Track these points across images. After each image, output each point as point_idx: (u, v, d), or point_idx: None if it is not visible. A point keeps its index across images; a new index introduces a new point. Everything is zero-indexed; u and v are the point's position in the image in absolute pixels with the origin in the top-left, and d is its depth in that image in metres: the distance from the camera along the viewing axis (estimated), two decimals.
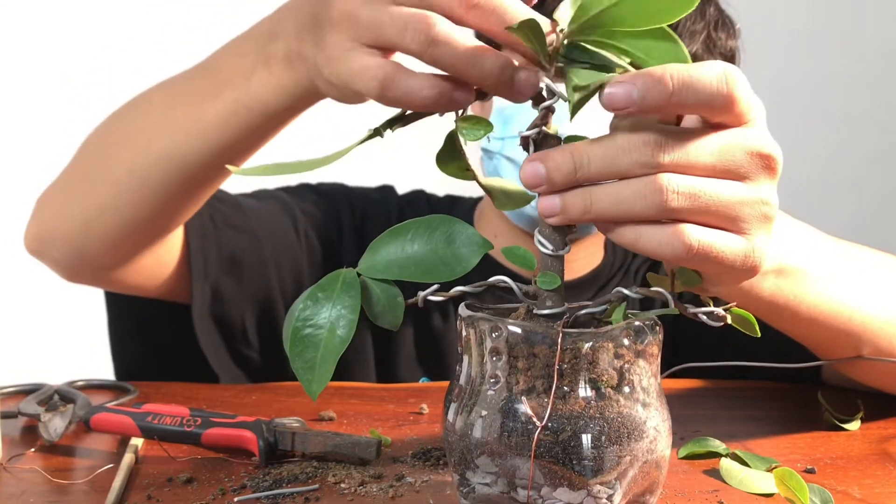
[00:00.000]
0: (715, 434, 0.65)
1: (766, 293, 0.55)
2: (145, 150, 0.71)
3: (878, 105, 2.06)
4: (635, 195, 0.42)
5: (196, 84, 0.69)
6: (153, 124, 0.72)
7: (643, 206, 0.43)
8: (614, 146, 0.43)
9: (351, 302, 0.47)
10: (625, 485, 0.45)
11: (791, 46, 2.02)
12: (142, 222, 0.75)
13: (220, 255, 0.86)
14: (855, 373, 0.72)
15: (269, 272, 0.90)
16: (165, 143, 0.70)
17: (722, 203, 0.43)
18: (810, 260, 0.58)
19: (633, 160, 0.42)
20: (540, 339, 0.44)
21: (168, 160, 0.70)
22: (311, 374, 0.47)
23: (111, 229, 0.75)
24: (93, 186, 0.76)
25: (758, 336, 0.48)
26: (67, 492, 0.56)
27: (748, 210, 0.44)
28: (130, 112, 0.77)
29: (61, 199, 0.79)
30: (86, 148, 0.79)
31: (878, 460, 0.62)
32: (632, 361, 0.45)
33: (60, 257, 0.80)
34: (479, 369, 0.46)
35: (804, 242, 0.58)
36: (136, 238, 0.77)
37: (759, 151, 0.44)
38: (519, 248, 0.48)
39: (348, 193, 1.03)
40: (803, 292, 0.58)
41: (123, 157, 0.74)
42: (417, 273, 0.48)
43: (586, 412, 0.44)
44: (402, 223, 0.49)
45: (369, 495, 0.54)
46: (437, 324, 0.96)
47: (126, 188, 0.73)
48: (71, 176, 0.80)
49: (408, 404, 0.76)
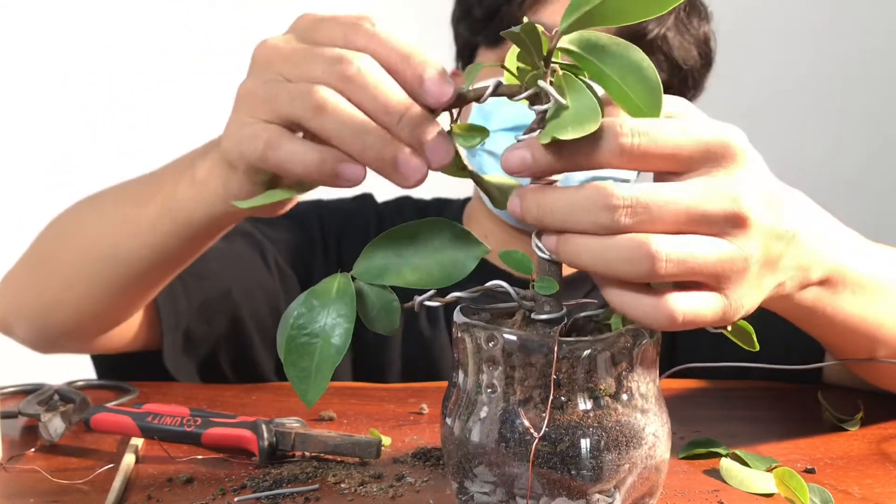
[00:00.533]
0: (715, 434, 0.65)
1: (808, 302, 0.55)
2: (92, 247, 0.73)
3: (877, 105, 2.06)
4: (621, 259, 0.42)
5: (141, 186, 0.71)
6: (101, 221, 0.74)
7: (630, 272, 0.42)
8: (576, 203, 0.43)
9: (346, 310, 0.47)
10: (624, 491, 0.44)
11: (791, 46, 2.02)
12: (97, 313, 0.75)
13: (189, 306, 0.86)
14: (869, 374, 0.72)
15: (241, 312, 0.90)
16: (107, 241, 0.71)
17: (708, 265, 0.43)
18: (852, 270, 0.57)
19: (592, 221, 0.42)
20: (536, 347, 0.44)
21: (112, 258, 0.71)
22: (306, 383, 0.46)
23: (68, 317, 0.76)
24: (46, 277, 0.77)
25: (755, 349, 0.49)
26: (67, 492, 0.56)
27: (725, 267, 0.43)
28: (86, 206, 0.78)
29: (19, 285, 0.81)
30: (43, 237, 0.81)
31: (878, 460, 0.62)
32: (629, 368, 0.45)
33: (26, 338, 0.81)
34: (475, 378, 0.46)
35: (850, 252, 0.57)
36: (95, 324, 0.77)
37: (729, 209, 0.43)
38: (516, 253, 0.48)
39: (321, 212, 1.02)
40: (842, 303, 0.57)
41: (72, 252, 0.75)
42: (414, 279, 0.47)
43: (584, 422, 0.43)
44: (397, 227, 0.48)
45: (369, 495, 0.54)
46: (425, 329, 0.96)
47: (76, 282, 0.74)
48: (28, 264, 0.81)
49: (408, 404, 0.76)
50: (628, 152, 0.42)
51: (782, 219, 0.46)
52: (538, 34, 0.43)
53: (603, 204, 0.42)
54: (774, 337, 0.62)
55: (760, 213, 0.44)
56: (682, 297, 0.43)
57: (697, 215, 0.43)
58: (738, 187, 0.44)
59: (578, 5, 0.43)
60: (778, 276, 0.48)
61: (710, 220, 0.43)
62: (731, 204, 0.43)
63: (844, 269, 0.56)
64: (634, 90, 0.43)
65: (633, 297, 0.43)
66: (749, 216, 0.44)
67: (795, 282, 0.50)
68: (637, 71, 0.43)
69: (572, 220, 0.43)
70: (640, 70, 0.43)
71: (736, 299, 0.45)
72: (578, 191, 0.43)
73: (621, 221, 0.42)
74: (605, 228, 0.42)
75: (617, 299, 0.44)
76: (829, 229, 0.55)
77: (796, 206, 0.49)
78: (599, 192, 0.42)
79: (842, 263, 0.55)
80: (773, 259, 0.46)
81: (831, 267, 0.54)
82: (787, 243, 0.47)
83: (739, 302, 0.45)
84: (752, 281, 0.45)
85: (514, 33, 0.43)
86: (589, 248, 0.43)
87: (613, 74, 0.44)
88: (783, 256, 0.47)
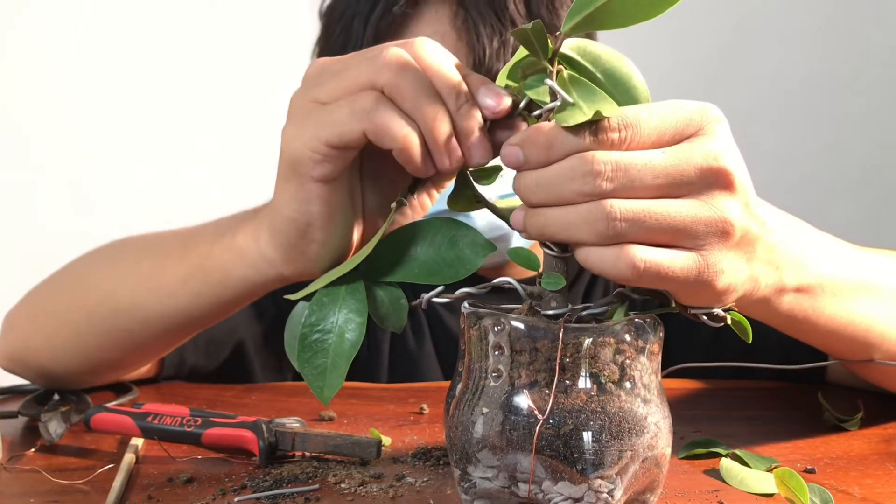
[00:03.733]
0: (715, 434, 0.65)
1: (784, 308, 0.54)
2: (106, 300, 0.71)
3: (878, 105, 2.06)
4: (580, 221, 0.43)
5: (170, 242, 0.69)
6: (119, 274, 0.71)
7: (588, 233, 0.43)
8: (559, 175, 0.43)
9: (357, 305, 0.47)
10: (626, 480, 0.45)
11: (791, 46, 2.02)
12: (106, 362, 0.74)
13: (195, 344, 0.84)
14: (867, 374, 0.72)
15: (245, 342, 0.90)
16: (124, 296, 0.69)
17: (668, 222, 0.43)
18: (831, 275, 0.57)
19: (575, 189, 0.43)
20: (542, 333, 0.45)
21: (127, 314, 0.69)
22: (321, 380, 0.47)
23: (79, 364, 0.74)
24: (58, 325, 0.75)
25: (749, 342, 0.49)
26: (67, 492, 0.56)
27: (700, 227, 0.44)
28: (102, 255, 0.76)
29: (27, 328, 0.79)
30: (53, 282, 0.79)
31: (878, 460, 0.62)
32: (633, 357, 0.45)
33: (33, 377, 0.79)
34: (481, 364, 0.46)
35: (825, 257, 0.57)
36: (103, 371, 0.76)
37: (708, 166, 0.44)
38: (523, 250, 0.49)
39: None
40: (822, 307, 0.57)
41: (85, 302, 0.73)
42: (422, 275, 0.48)
43: (588, 406, 0.44)
44: (404, 226, 0.49)
45: (369, 495, 0.54)
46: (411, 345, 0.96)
47: (87, 333, 0.72)
48: (37, 307, 0.79)
49: (408, 404, 0.76)
50: (617, 145, 0.43)
51: (753, 204, 0.47)
52: (545, 35, 0.44)
53: (585, 170, 0.43)
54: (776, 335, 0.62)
55: (742, 175, 0.45)
56: (644, 248, 0.43)
57: (676, 176, 0.43)
58: (719, 146, 0.44)
59: (580, 8, 0.44)
60: (752, 266, 0.48)
61: (690, 180, 0.44)
62: (713, 161, 0.44)
63: (822, 275, 0.56)
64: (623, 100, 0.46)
65: (595, 250, 0.44)
66: (731, 171, 0.44)
67: (769, 282, 0.50)
68: (627, 81, 0.46)
69: (556, 190, 0.44)
70: (629, 80, 0.46)
71: (714, 262, 0.44)
72: (563, 162, 0.44)
73: (602, 187, 0.42)
74: (588, 196, 0.43)
75: (582, 255, 0.44)
76: (802, 234, 0.55)
77: (764, 205, 0.50)
78: (582, 160, 0.43)
79: (819, 269, 0.55)
80: (752, 238, 0.47)
81: (808, 273, 0.54)
82: (761, 227, 0.47)
83: (718, 266, 0.45)
84: (736, 248, 0.45)
85: (522, 33, 0.44)
86: (553, 216, 0.44)
87: (607, 83, 0.46)
88: (759, 240, 0.47)
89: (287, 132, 0.52)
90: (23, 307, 0.80)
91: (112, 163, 1.80)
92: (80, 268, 0.77)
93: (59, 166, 1.77)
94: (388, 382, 0.93)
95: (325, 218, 0.52)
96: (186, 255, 0.64)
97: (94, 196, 1.78)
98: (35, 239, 1.60)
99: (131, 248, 0.74)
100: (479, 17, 0.79)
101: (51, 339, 0.75)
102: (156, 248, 0.70)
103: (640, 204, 0.43)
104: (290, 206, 0.53)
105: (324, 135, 0.49)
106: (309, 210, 0.52)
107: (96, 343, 0.72)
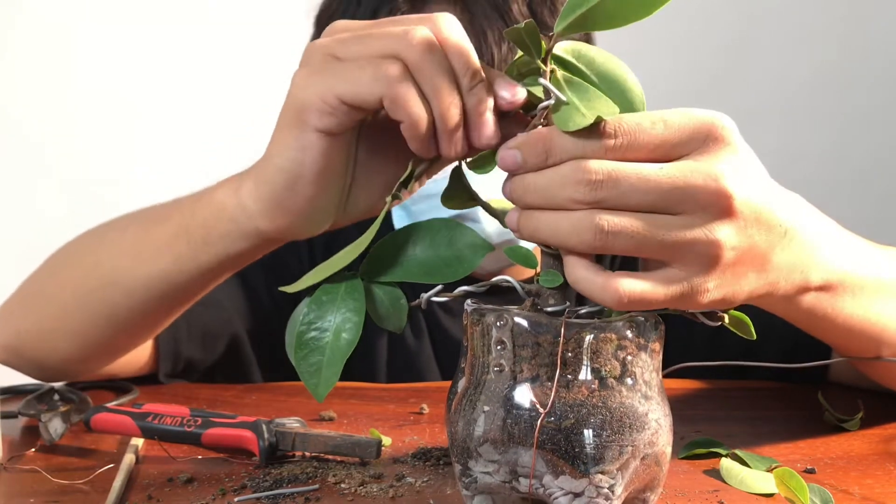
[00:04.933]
0: (715, 434, 0.65)
1: (804, 306, 0.54)
2: (90, 273, 0.71)
3: (880, 106, 2.06)
4: (570, 228, 0.43)
5: (157, 209, 0.69)
6: (104, 246, 0.72)
7: (577, 241, 0.43)
8: (552, 180, 0.44)
9: (355, 304, 0.47)
10: (626, 476, 0.45)
11: (792, 46, 2.01)
12: (95, 344, 0.74)
13: (190, 335, 0.85)
14: (875, 373, 0.72)
15: (241, 336, 0.90)
16: (108, 266, 0.69)
17: (657, 240, 0.43)
18: (853, 274, 0.56)
19: (567, 196, 0.43)
20: (544, 328, 0.45)
21: (111, 286, 0.69)
22: (316, 377, 0.47)
23: (69, 346, 0.75)
24: (44, 306, 0.76)
25: (753, 339, 0.48)
26: (67, 492, 0.56)
27: (688, 249, 0.43)
28: (89, 234, 0.76)
29: (18, 316, 0.79)
30: (43, 266, 0.79)
31: (878, 460, 0.62)
32: (634, 354, 0.45)
33: (28, 368, 0.80)
34: (484, 359, 0.46)
35: (848, 254, 0.56)
36: (97, 354, 0.76)
37: (706, 187, 0.43)
38: (521, 248, 0.49)
39: None
40: (842, 305, 0.56)
41: (70, 280, 0.73)
42: (420, 275, 0.48)
43: (589, 400, 0.44)
44: (403, 227, 0.50)
45: (369, 495, 0.54)
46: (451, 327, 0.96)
47: (74, 310, 0.72)
48: (26, 293, 0.80)
49: (408, 404, 0.76)
50: (613, 151, 0.43)
51: (774, 212, 0.46)
52: (538, 35, 0.44)
53: (578, 178, 0.43)
54: (779, 334, 0.62)
55: (746, 197, 0.44)
56: (629, 279, 0.43)
57: (670, 193, 0.43)
58: (721, 167, 0.43)
59: (573, 8, 0.44)
60: (769, 275, 0.47)
61: (684, 199, 0.43)
62: (712, 182, 0.43)
63: (845, 274, 0.55)
64: (617, 103, 0.46)
65: (586, 273, 0.44)
66: (733, 194, 0.43)
67: (791, 284, 0.50)
68: (622, 83, 0.46)
69: (549, 195, 0.44)
70: (624, 83, 0.46)
71: (699, 283, 0.44)
72: (558, 168, 0.44)
73: (594, 196, 0.42)
74: (579, 203, 0.43)
75: (573, 275, 0.45)
76: (828, 232, 0.54)
77: (792, 205, 0.49)
78: (576, 166, 0.43)
79: (843, 268, 0.55)
80: (760, 252, 0.46)
81: (831, 271, 0.53)
82: (780, 238, 0.46)
83: (704, 287, 0.44)
84: (729, 270, 0.45)
85: (515, 32, 0.44)
86: (545, 221, 0.44)
87: (602, 85, 0.46)
88: (774, 251, 0.46)
89: (299, 79, 0.52)
90: (14, 296, 0.81)
91: (112, 163, 1.80)
92: (70, 248, 0.78)
93: (60, 166, 1.77)
94: (387, 382, 0.93)
95: (316, 173, 0.53)
96: (170, 217, 0.65)
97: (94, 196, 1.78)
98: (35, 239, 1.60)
99: (120, 221, 0.74)
100: (485, 21, 0.79)
101: (40, 322, 0.76)
102: (143, 215, 0.71)
103: (628, 219, 0.43)
104: (284, 155, 0.53)
105: (339, 89, 0.50)
106: (303, 160, 0.53)
107: (83, 321, 0.72)
